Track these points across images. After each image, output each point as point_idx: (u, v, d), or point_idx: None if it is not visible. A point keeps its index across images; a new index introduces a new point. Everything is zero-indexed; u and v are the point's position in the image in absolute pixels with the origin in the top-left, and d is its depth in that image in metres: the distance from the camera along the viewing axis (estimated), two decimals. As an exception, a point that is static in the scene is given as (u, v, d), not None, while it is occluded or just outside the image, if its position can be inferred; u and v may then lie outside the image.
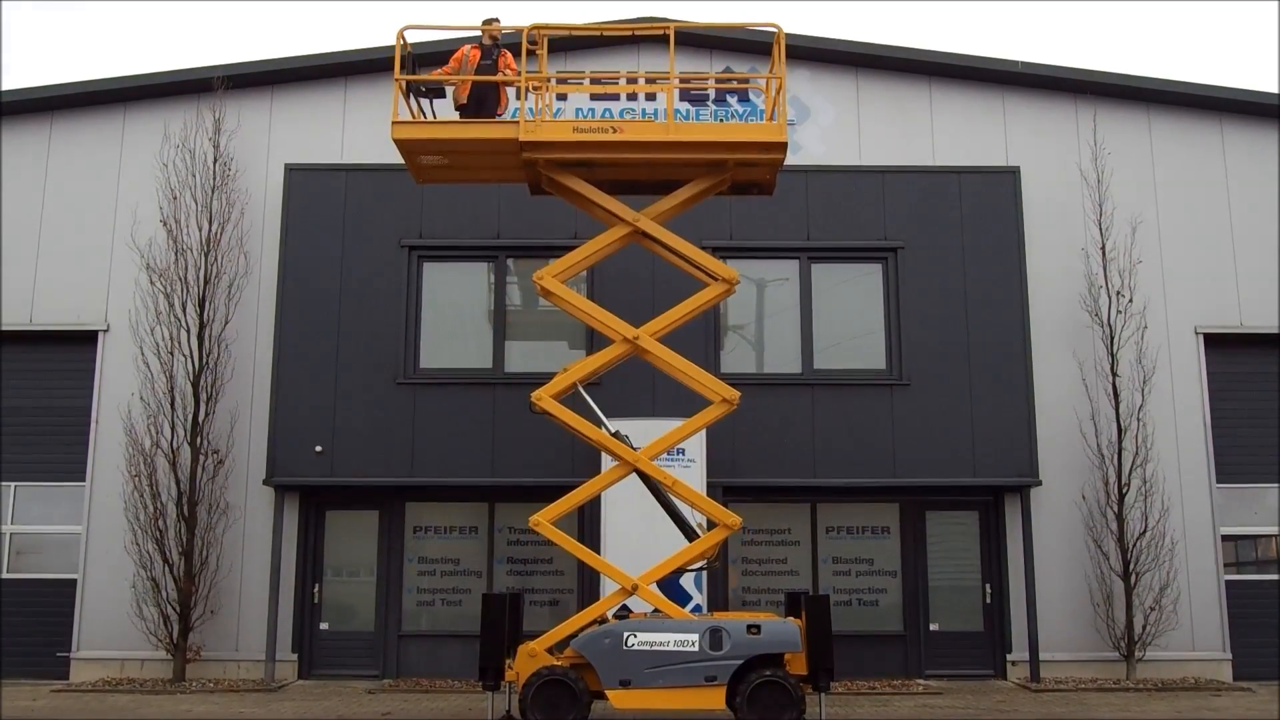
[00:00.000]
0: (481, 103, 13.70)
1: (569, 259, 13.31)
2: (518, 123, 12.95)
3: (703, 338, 15.59)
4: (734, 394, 12.77)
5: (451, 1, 21.77)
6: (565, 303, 13.30)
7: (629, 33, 13.59)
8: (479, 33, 14.03)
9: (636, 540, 13.85)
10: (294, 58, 17.17)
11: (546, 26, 13.41)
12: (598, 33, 14.16)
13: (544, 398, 12.75)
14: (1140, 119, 17.20)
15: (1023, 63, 17.14)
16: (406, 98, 13.50)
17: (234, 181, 16.58)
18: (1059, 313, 16.44)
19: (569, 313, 13.59)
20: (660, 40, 16.48)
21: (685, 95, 16.68)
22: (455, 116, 13.71)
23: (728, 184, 13.57)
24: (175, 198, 16.31)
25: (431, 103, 14.16)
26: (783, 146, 13.12)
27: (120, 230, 16.63)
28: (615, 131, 13.03)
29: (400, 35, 13.20)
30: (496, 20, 13.92)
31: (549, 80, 13.84)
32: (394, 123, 13.11)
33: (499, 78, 13.64)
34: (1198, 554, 16.01)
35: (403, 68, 13.26)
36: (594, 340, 15.31)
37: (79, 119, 17.15)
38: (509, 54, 13.90)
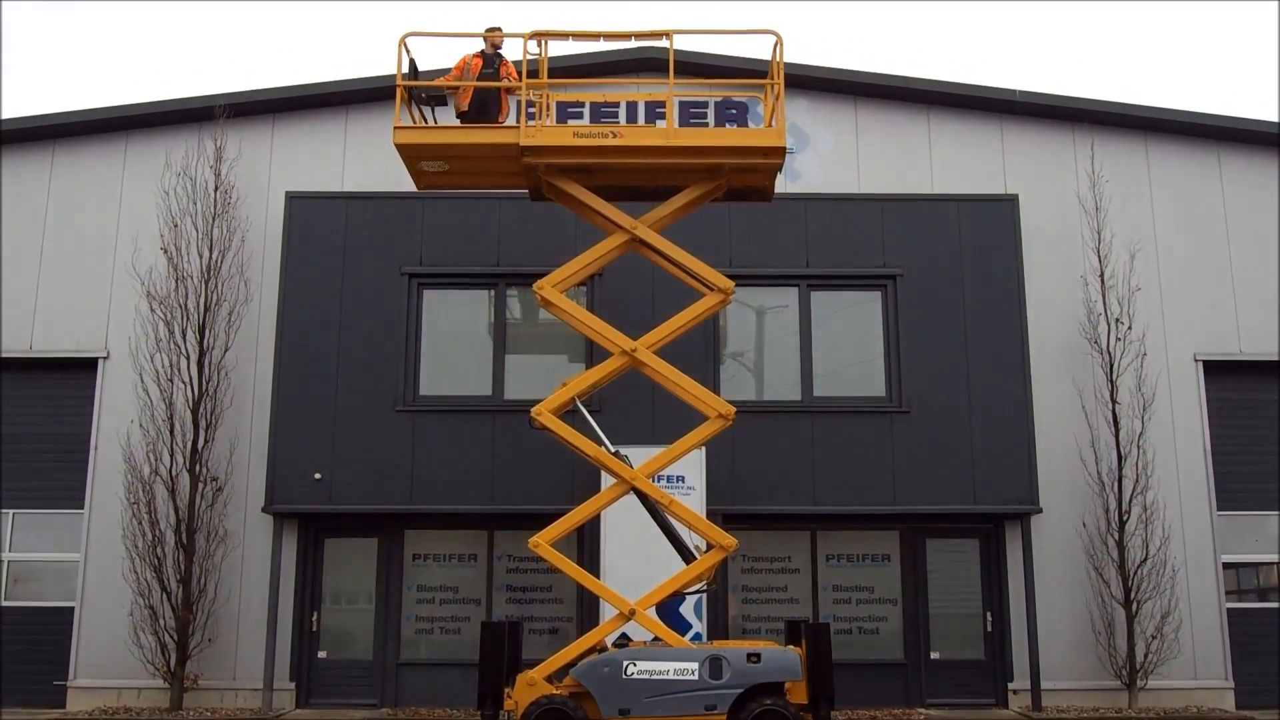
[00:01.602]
0: (483, 110, 13.78)
1: (568, 268, 13.41)
2: (518, 127, 13.02)
3: (702, 364, 15.58)
4: (729, 409, 12.82)
5: (453, 1, 21.74)
6: (564, 313, 13.38)
7: (628, 36, 13.64)
8: (481, 41, 14.05)
9: (636, 567, 13.81)
10: (295, 86, 17.26)
11: (548, 33, 13.46)
12: (596, 37, 14.21)
13: (544, 413, 12.80)
14: (1138, 147, 17.27)
15: (1020, 91, 17.23)
16: (409, 105, 13.56)
17: (235, 209, 16.63)
18: (1058, 340, 16.46)
19: (568, 323, 13.67)
20: (659, 70, 16.56)
21: (684, 124, 16.69)
22: (457, 123, 13.79)
23: (723, 189, 13.65)
24: (176, 225, 16.36)
25: (434, 111, 14.23)
26: (781, 151, 13.22)
27: (121, 257, 16.68)
28: (615, 136, 13.12)
29: (401, 42, 13.29)
30: (499, 29, 14.00)
31: (547, 87, 13.82)
32: (396, 127, 13.19)
33: (499, 83, 13.71)
34: (1199, 582, 15.97)
35: (404, 78, 13.31)
36: (593, 354, 15.32)
37: (81, 147, 17.23)
38: (510, 63, 13.97)
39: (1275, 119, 18.18)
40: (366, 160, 16.95)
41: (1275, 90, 45.51)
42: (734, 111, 16.58)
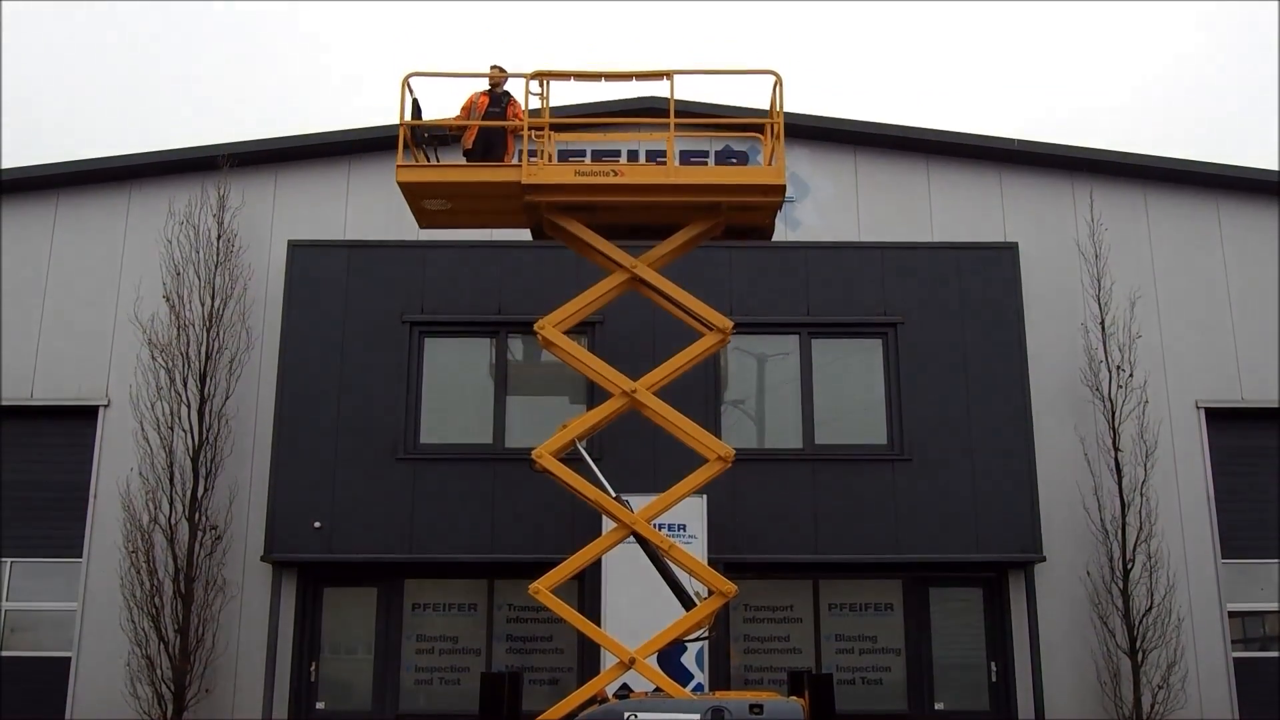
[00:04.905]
0: (489, 149, 13.87)
1: (569, 307, 13.44)
2: (520, 166, 13.10)
3: (703, 411, 15.54)
4: (729, 451, 12.81)
5: (466, 4, 21.81)
6: (565, 353, 13.39)
7: (629, 76, 13.72)
8: (486, 81, 14.16)
9: (638, 615, 13.72)
10: (298, 136, 17.40)
11: (550, 73, 13.54)
12: (598, 77, 14.33)
13: (544, 455, 12.78)
14: (1136, 195, 17.35)
15: (1019, 140, 17.34)
16: (413, 146, 13.62)
17: (237, 257, 16.69)
18: (1060, 387, 16.44)
19: (568, 364, 13.68)
20: (659, 119, 16.64)
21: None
22: (460, 161, 13.86)
23: (722, 227, 13.70)
24: (178, 273, 16.40)
25: (436, 152, 14.33)
26: (781, 189, 13.29)
27: (123, 305, 16.71)
28: (616, 174, 13.20)
29: (405, 83, 13.39)
30: (502, 68, 14.13)
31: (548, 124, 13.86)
32: (399, 166, 13.27)
33: (501, 123, 13.78)
34: (1204, 631, 15.85)
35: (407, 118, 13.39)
36: (594, 399, 15.30)
37: (84, 196, 17.30)
38: (518, 103, 14.07)
39: (1273, 167, 18.28)
40: (368, 209, 17.04)
41: (1276, 139, 45.79)
42: (734, 160, 16.74)
